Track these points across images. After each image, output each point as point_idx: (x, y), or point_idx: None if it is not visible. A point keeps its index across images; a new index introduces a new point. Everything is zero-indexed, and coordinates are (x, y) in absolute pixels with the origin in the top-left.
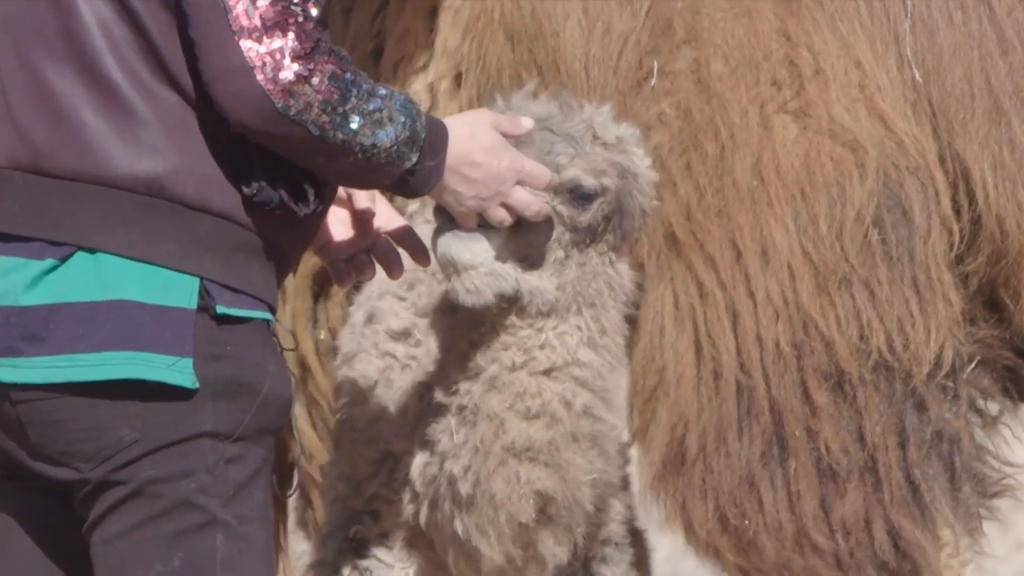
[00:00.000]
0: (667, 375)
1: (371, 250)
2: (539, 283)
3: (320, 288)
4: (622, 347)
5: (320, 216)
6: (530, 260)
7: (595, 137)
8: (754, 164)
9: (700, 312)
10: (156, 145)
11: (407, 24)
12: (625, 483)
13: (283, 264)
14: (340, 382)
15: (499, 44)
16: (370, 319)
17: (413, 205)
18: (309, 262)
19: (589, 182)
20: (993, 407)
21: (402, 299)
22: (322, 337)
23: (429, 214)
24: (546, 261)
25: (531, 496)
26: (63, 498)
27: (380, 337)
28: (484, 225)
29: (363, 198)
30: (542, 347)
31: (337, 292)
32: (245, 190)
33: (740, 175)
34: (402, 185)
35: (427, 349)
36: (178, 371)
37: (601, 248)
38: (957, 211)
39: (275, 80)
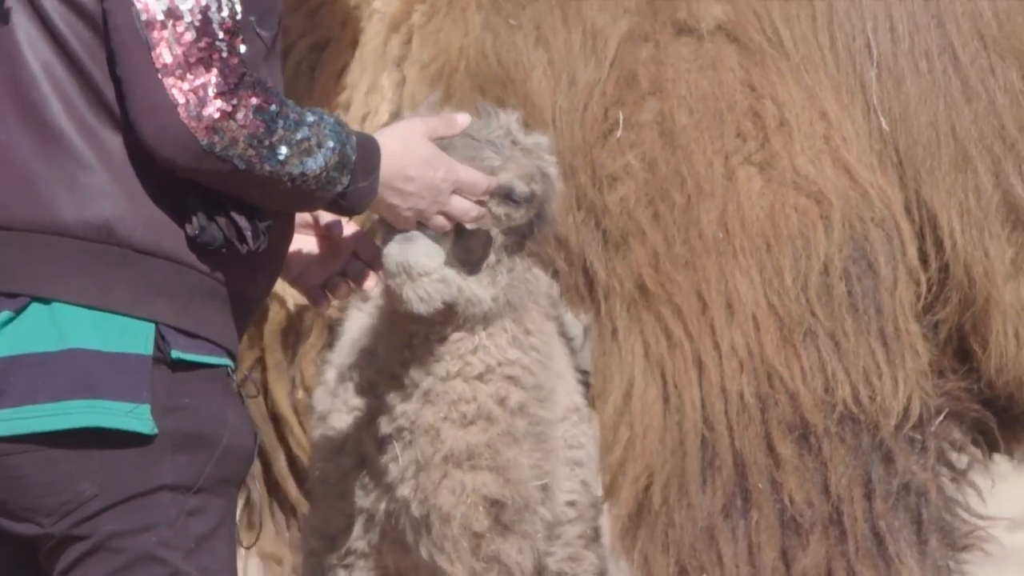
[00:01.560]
0: (636, 427)
1: (343, 272)
2: (478, 290)
3: (295, 347)
4: (550, 346)
5: (276, 257)
6: (468, 266)
7: (514, 143)
8: (719, 216)
9: (669, 363)
10: (103, 190)
11: (373, 79)
12: (597, 535)
13: (244, 309)
14: (315, 440)
15: (467, 95)
16: (341, 378)
17: None
18: (278, 317)
19: (522, 187)
20: (963, 459)
21: (371, 353)
22: (299, 396)
23: None
24: (482, 267)
25: (480, 503)
26: (31, 552)
27: (349, 394)
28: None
29: (328, 217)
30: (475, 351)
31: (310, 351)
32: (188, 230)
33: (706, 226)
34: (336, 207)
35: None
36: (135, 418)
37: (523, 254)
38: (924, 260)
39: (199, 117)
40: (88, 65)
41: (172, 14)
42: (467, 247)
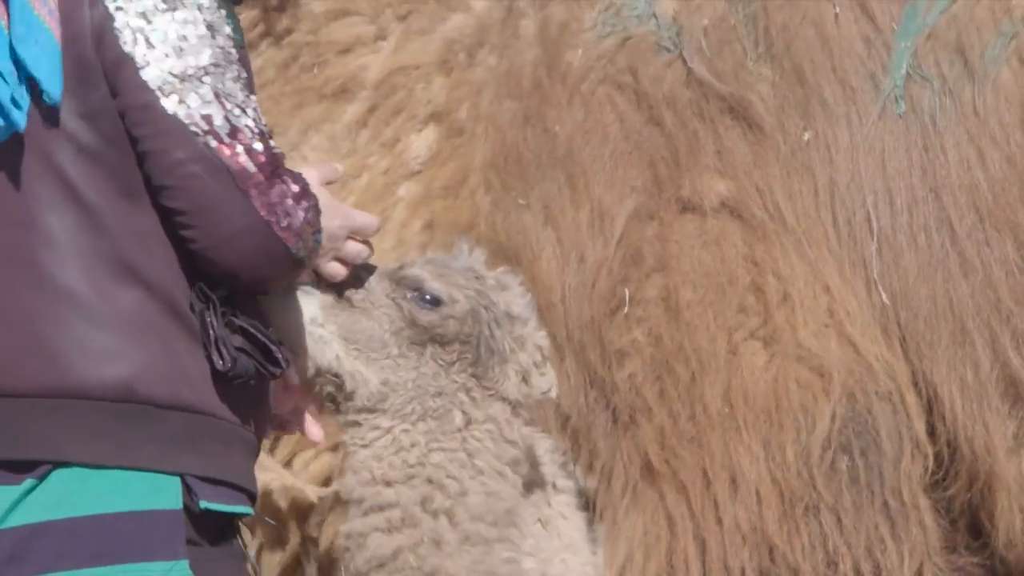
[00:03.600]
0: None
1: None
2: (363, 369)
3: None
4: (505, 469)
5: (269, 393)
6: (359, 344)
7: (473, 273)
8: (724, 391)
9: (670, 540)
10: (120, 349)
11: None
12: None
13: (255, 449)
14: None
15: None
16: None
17: None
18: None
19: (434, 285)
20: None
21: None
22: None
23: None
24: (377, 353)
25: None
26: None
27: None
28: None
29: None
30: (397, 452)
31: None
32: (220, 367)
33: (711, 401)
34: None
35: None
36: (177, 574)
37: (455, 375)
38: (933, 434)
39: (289, 227)
40: (108, 220)
41: (235, 134)
42: (359, 326)
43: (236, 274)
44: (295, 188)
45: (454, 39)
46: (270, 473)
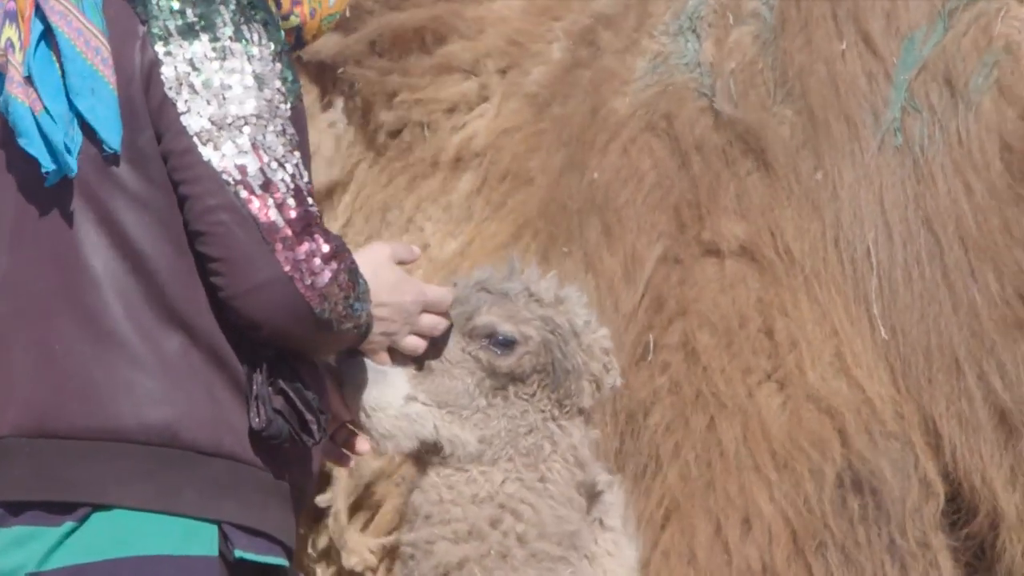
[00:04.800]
0: None
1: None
2: (460, 432)
3: None
4: (574, 494)
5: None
6: (450, 407)
7: (531, 295)
8: (741, 433)
9: None
10: (164, 393)
11: None
12: None
13: (299, 500)
14: None
15: None
16: None
17: None
18: None
19: (506, 328)
20: None
21: None
22: None
23: None
24: (468, 409)
25: None
26: None
27: None
28: (398, 363)
29: None
30: (468, 483)
31: None
32: (255, 424)
33: (728, 445)
34: (359, 343)
35: None
36: None
37: (540, 404)
38: (945, 472)
39: (313, 286)
40: (154, 262)
41: (268, 187)
42: (444, 387)
43: (258, 326)
44: (325, 248)
45: (535, 92)
46: (354, 557)
